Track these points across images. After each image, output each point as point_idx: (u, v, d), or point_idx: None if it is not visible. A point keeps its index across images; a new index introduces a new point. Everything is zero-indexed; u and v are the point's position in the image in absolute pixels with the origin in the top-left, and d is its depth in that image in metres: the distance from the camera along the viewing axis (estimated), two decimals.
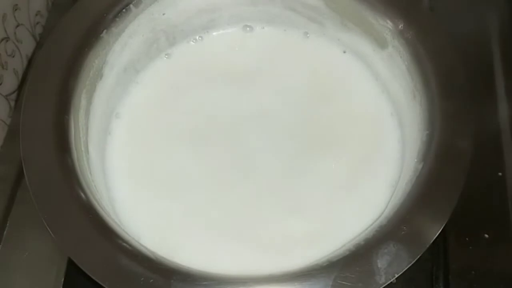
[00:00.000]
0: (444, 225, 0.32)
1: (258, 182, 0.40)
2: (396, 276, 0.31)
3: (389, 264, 0.31)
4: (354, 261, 0.31)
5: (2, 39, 0.46)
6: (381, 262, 0.31)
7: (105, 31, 0.40)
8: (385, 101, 0.43)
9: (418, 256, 0.31)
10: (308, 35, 0.47)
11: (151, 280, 0.31)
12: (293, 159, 0.41)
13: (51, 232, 0.32)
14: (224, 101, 0.44)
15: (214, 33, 0.47)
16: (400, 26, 0.40)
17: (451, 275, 0.39)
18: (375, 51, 0.43)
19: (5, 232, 0.41)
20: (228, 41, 0.47)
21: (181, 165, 0.41)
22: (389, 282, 0.31)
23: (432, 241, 0.32)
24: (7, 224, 0.42)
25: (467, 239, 0.40)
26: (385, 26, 0.41)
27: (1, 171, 0.45)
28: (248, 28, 0.47)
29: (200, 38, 0.47)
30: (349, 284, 0.30)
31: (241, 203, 0.39)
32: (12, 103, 0.48)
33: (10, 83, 0.48)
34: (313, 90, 0.45)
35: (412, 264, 0.31)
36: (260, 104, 0.44)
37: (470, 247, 0.40)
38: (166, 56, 0.46)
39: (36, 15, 0.52)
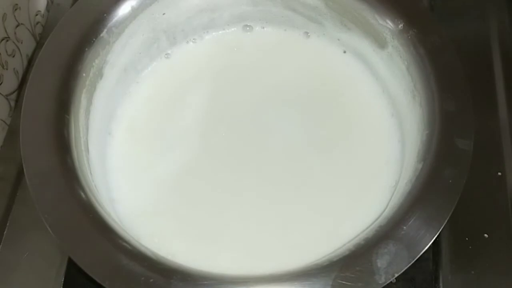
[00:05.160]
0: (444, 225, 0.32)
1: (257, 182, 0.40)
2: (396, 275, 0.31)
3: (389, 264, 0.31)
4: (354, 261, 0.31)
5: (2, 39, 0.46)
6: (381, 262, 0.31)
7: (105, 31, 0.40)
8: (385, 101, 0.43)
9: (418, 256, 0.31)
10: (308, 35, 0.47)
11: (151, 280, 0.31)
12: (293, 159, 0.41)
13: (51, 232, 0.32)
14: (224, 101, 0.44)
15: (214, 33, 0.47)
16: (400, 26, 0.40)
17: (451, 275, 0.39)
18: (375, 51, 0.43)
19: (5, 232, 0.41)
20: (228, 41, 0.47)
21: (181, 164, 0.41)
22: (389, 281, 0.31)
23: (432, 241, 0.32)
24: (7, 224, 0.42)
25: (467, 239, 0.40)
26: (385, 26, 0.41)
27: (1, 171, 0.45)
28: (248, 28, 0.47)
29: (200, 38, 0.47)
30: (349, 283, 0.31)
31: (242, 204, 0.39)
32: (12, 103, 0.48)
33: (10, 83, 0.48)
34: (313, 90, 0.45)
35: (412, 264, 0.31)
36: (260, 104, 0.44)
37: (470, 247, 0.40)
38: (166, 56, 0.46)
39: (36, 15, 0.52)
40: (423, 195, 0.34)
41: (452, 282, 0.39)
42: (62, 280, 0.39)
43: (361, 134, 0.42)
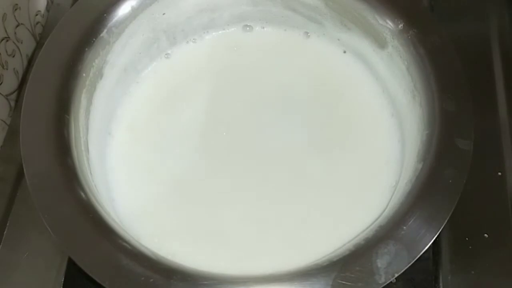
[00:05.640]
0: (444, 225, 0.32)
1: (257, 182, 0.40)
2: (396, 275, 0.31)
3: (389, 264, 0.31)
4: (354, 261, 0.31)
5: (2, 39, 0.46)
6: (381, 261, 0.31)
7: (105, 31, 0.40)
8: (385, 101, 0.43)
9: (418, 256, 0.31)
10: (308, 35, 0.47)
11: (151, 280, 0.31)
12: (293, 158, 0.41)
13: (51, 232, 0.32)
14: (224, 100, 0.44)
15: (214, 33, 0.47)
16: (400, 26, 0.40)
17: (451, 275, 0.39)
18: (375, 51, 0.43)
19: (5, 232, 0.41)
20: (228, 41, 0.47)
21: (181, 165, 0.41)
22: (389, 281, 0.31)
23: (432, 241, 0.32)
24: (7, 224, 0.42)
25: (467, 239, 0.40)
26: (385, 26, 0.41)
27: (1, 171, 0.45)
28: (248, 28, 0.47)
29: (200, 38, 0.47)
30: (349, 283, 0.31)
31: (242, 204, 0.39)
32: (12, 103, 0.48)
33: (10, 83, 0.48)
34: (313, 90, 0.45)
35: (412, 264, 0.31)
36: (260, 104, 0.44)
37: (470, 247, 0.40)
38: (166, 56, 0.46)
39: (36, 15, 0.52)
40: (423, 195, 0.34)
41: (452, 282, 0.39)
42: (62, 280, 0.39)
43: (361, 134, 0.42)
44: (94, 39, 0.40)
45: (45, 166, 0.35)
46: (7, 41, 0.47)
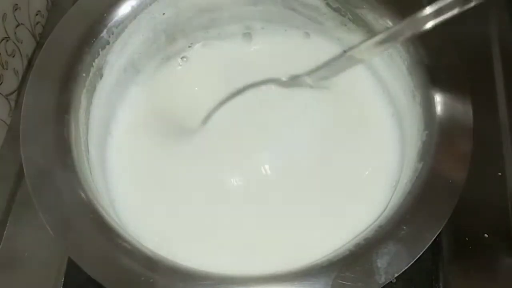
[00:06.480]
0: (444, 224, 0.32)
1: (257, 182, 0.40)
2: (396, 275, 0.31)
3: (389, 264, 0.31)
4: (354, 261, 0.32)
5: (2, 39, 0.46)
6: (381, 261, 0.31)
7: (105, 31, 0.40)
8: (385, 101, 0.43)
9: (418, 256, 0.31)
10: (308, 35, 0.47)
11: (151, 280, 0.31)
12: (293, 158, 0.41)
13: (51, 232, 0.32)
14: (224, 100, 0.44)
15: (214, 33, 0.47)
16: None
17: (451, 275, 0.39)
18: None
19: (5, 232, 0.41)
20: (228, 41, 0.47)
21: (181, 164, 0.41)
22: (389, 281, 0.31)
23: (432, 241, 0.32)
24: (7, 224, 0.42)
25: (467, 239, 0.40)
26: (385, 26, 0.41)
27: (1, 171, 0.45)
28: (248, 28, 0.47)
29: (200, 37, 0.47)
30: (349, 283, 0.31)
31: (241, 204, 0.39)
32: (12, 103, 0.48)
33: (10, 83, 0.48)
34: (312, 90, 0.45)
35: (412, 264, 0.31)
36: (259, 104, 0.44)
37: (470, 247, 0.40)
38: (167, 56, 0.46)
39: (36, 14, 0.52)
40: (423, 195, 0.34)
41: (452, 282, 0.39)
42: (62, 280, 0.39)
43: (362, 133, 0.42)
44: (94, 39, 0.40)
45: (45, 166, 0.35)
46: (7, 41, 0.47)
